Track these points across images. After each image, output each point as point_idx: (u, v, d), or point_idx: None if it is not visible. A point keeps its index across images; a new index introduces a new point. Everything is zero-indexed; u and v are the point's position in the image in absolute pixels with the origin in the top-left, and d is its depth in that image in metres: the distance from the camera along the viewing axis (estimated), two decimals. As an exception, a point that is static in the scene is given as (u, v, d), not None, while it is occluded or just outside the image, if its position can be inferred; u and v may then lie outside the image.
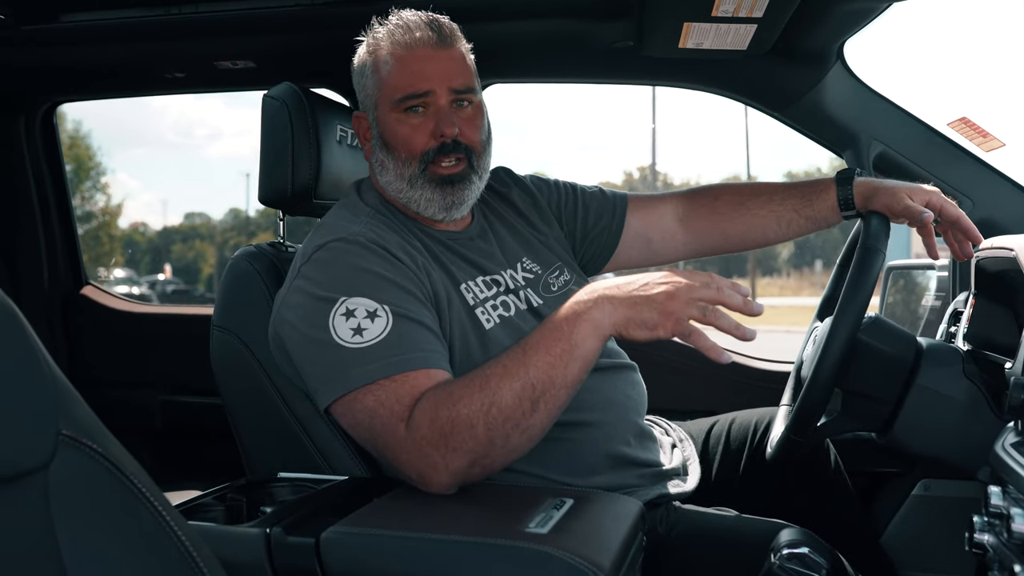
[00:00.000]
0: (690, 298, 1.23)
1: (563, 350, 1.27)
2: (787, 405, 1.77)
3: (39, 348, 0.76)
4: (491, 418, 1.25)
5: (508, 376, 1.26)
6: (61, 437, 0.76)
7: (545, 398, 1.27)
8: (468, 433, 1.25)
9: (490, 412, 1.25)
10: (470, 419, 1.25)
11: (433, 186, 1.54)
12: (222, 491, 1.39)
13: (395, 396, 1.31)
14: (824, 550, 1.20)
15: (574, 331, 1.27)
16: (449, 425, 1.26)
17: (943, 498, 1.94)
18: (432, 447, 1.27)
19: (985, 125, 1.97)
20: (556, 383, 1.27)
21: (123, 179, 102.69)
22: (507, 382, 1.26)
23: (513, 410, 1.26)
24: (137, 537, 0.79)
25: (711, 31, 1.86)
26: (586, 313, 1.27)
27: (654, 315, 1.24)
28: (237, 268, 1.66)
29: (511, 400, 1.25)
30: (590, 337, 1.27)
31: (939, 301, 2.14)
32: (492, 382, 1.27)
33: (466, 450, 1.26)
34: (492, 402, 1.25)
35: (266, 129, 1.74)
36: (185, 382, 2.75)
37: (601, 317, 1.27)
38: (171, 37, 2.15)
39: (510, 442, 1.27)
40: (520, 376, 1.26)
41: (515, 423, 1.26)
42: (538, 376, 1.26)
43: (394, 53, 1.53)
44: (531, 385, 1.26)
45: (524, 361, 1.27)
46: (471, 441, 1.25)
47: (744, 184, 1.93)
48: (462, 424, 1.25)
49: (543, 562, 1.07)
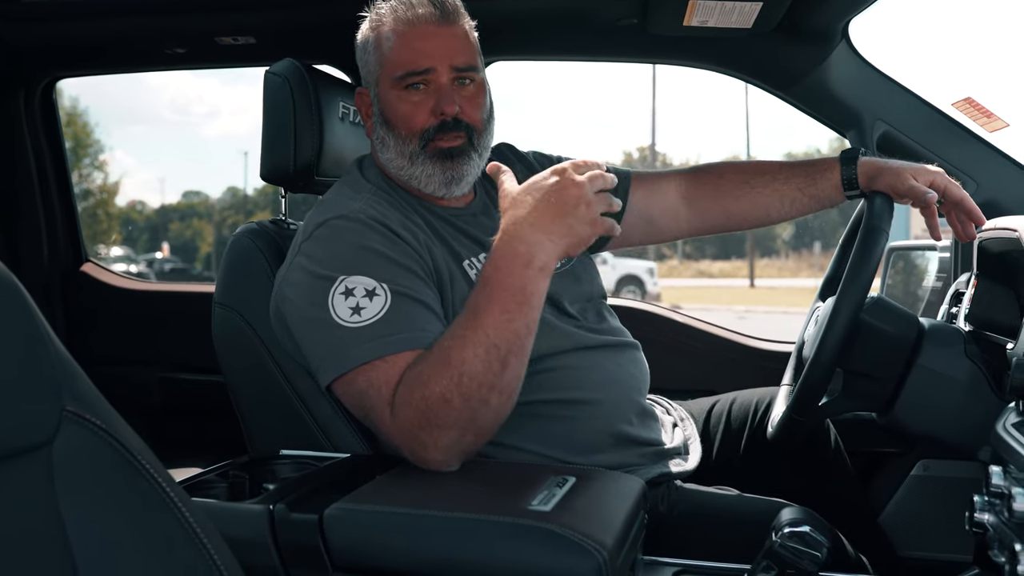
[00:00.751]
0: (595, 195, 1.25)
1: (518, 303, 1.25)
2: (788, 385, 1.77)
3: (43, 324, 0.76)
4: (464, 388, 1.24)
5: (468, 344, 1.24)
6: (65, 413, 0.76)
7: (512, 353, 1.25)
8: (445, 408, 1.24)
9: (461, 383, 1.24)
10: (443, 395, 1.24)
11: (433, 161, 1.53)
12: (224, 468, 1.39)
13: (385, 377, 1.31)
14: (825, 529, 1.20)
15: (524, 281, 1.25)
16: (424, 405, 1.25)
17: (942, 478, 1.95)
18: (417, 428, 1.27)
19: (989, 105, 1.96)
20: (519, 335, 1.25)
21: (120, 157, 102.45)
22: (469, 350, 1.24)
23: (483, 375, 1.24)
24: (141, 513, 0.79)
25: (716, 8, 1.85)
26: (529, 257, 1.24)
27: (586, 228, 1.25)
28: (239, 245, 1.65)
29: (479, 367, 1.24)
30: (541, 279, 1.26)
31: (940, 282, 2.14)
32: (454, 355, 1.24)
33: (450, 424, 1.25)
34: (460, 373, 1.24)
35: (268, 106, 1.73)
36: (185, 359, 2.75)
37: (547, 257, 1.25)
38: (172, 12, 2.14)
39: (491, 404, 1.26)
40: (481, 341, 1.24)
41: (489, 386, 1.25)
42: (499, 335, 1.24)
43: (396, 30, 1.52)
44: (494, 346, 1.24)
45: (480, 324, 1.24)
46: (452, 414, 1.25)
47: (747, 163, 1.92)
48: (436, 402, 1.24)
49: (546, 539, 1.08)
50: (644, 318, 2.49)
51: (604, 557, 1.06)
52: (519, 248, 1.25)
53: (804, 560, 1.18)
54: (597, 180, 1.26)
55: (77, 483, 0.75)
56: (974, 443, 1.43)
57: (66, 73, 2.84)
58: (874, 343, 1.50)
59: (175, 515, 0.81)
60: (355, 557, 1.14)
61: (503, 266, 1.25)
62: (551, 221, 1.24)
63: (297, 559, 1.15)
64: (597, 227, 1.25)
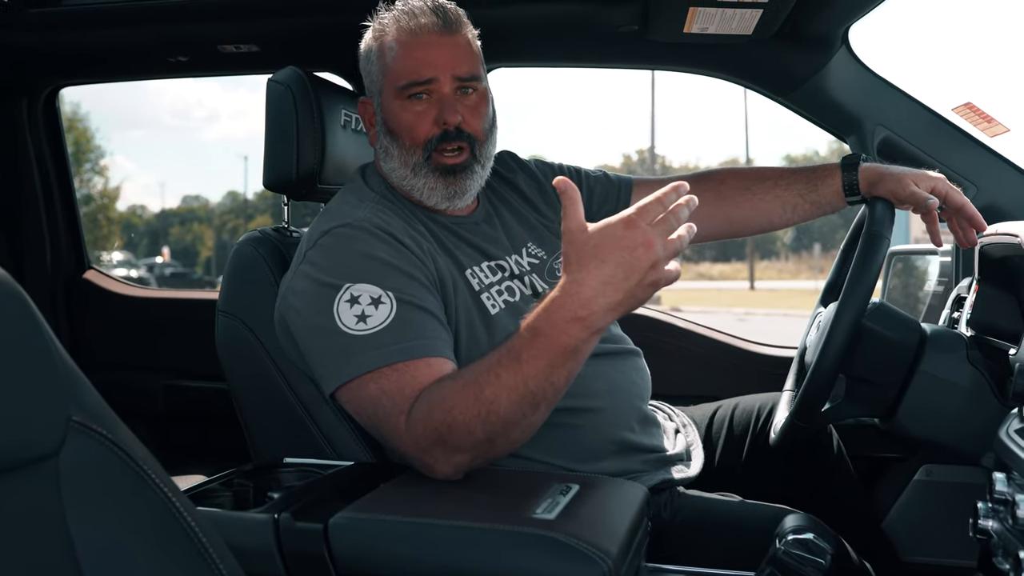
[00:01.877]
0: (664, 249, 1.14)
1: (565, 359, 1.19)
2: (790, 391, 1.77)
3: (48, 334, 0.76)
4: (489, 424, 1.22)
5: (504, 387, 1.20)
6: (71, 423, 0.76)
7: (546, 401, 1.23)
8: (465, 436, 1.23)
9: (487, 420, 1.21)
10: (467, 425, 1.22)
11: (436, 176, 1.54)
12: (229, 476, 1.39)
13: (397, 386, 1.31)
14: (828, 535, 1.21)
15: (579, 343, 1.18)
16: (445, 428, 1.24)
17: (945, 483, 1.95)
18: (431, 444, 1.26)
19: (990, 110, 1.96)
20: (557, 387, 1.22)
21: (120, 161, 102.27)
22: (504, 393, 1.20)
23: (512, 415, 1.22)
24: (147, 523, 0.80)
25: (716, 15, 1.85)
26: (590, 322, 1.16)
27: (650, 291, 1.16)
28: (242, 253, 1.65)
29: (510, 409, 1.21)
30: (593, 340, 1.20)
31: (942, 287, 2.14)
32: (487, 392, 1.21)
33: (466, 448, 1.25)
34: (489, 411, 1.21)
35: (270, 114, 1.74)
36: (189, 367, 2.75)
37: (605, 323, 1.18)
38: (175, 21, 2.14)
39: (511, 438, 1.26)
40: (518, 387, 1.20)
41: (515, 424, 1.23)
42: (538, 386, 1.20)
43: (399, 39, 1.53)
44: (531, 393, 1.20)
45: (521, 371, 1.20)
46: (469, 440, 1.24)
47: (749, 169, 1.92)
48: (459, 428, 1.23)
49: (551, 547, 1.08)
50: (646, 324, 2.49)
51: (609, 565, 1.06)
52: (580, 312, 1.16)
53: (808, 567, 1.18)
54: (667, 227, 1.14)
55: (83, 493, 0.76)
56: (977, 449, 1.43)
57: (69, 81, 2.85)
58: (876, 349, 1.50)
59: (181, 525, 0.81)
60: (360, 566, 1.14)
61: (559, 323, 1.17)
62: (616, 290, 1.14)
63: (302, 568, 1.15)
64: (660, 286, 1.16)
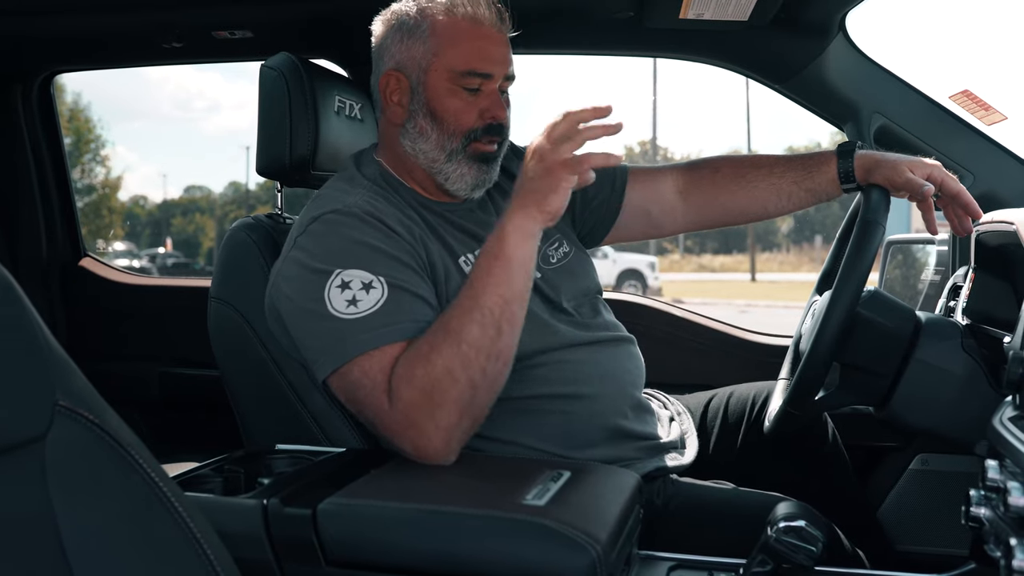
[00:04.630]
0: (554, 143, 1.30)
1: (502, 267, 1.33)
2: (785, 379, 1.77)
3: (35, 318, 0.76)
4: (465, 357, 1.29)
5: (465, 312, 1.31)
6: (57, 408, 0.76)
7: (505, 317, 1.32)
8: (448, 381, 1.28)
9: (460, 351, 1.29)
10: (447, 367, 1.28)
11: (471, 162, 1.54)
12: (219, 463, 1.39)
13: (379, 366, 1.32)
14: (821, 523, 1.20)
15: (504, 246, 1.33)
16: (428, 380, 1.28)
17: (940, 472, 1.95)
18: (417, 411, 1.28)
19: (987, 98, 1.96)
20: (508, 300, 1.33)
21: (122, 152, 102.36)
22: (466, 317, 1.31)
23: (481, 340, 1.30)
24: (133, 507, 0.80)
25: (712, 1, 1.85)
26: (508, 225, 1.34)
27: (547, 180, 1.31)
28: (234, 239, 1.65)
29: (476, 332, 1.30)
30: (520, 244, 1.34)
31: (938, 275, 2.13)
32: (453, 323, 1.31)
33: (451, 400, 1.27)
34: (460, 340, 1.29)
35: (264, 99, 1.73)
36: (184, 354, 2.74)
37: (521, 220, 1.34)
38: (169, 7, 2.13)
39: (488, 375, 1.31)
40: (475, 307, 1.31)
41: (487, 353, 1.30)
42: (490, 301, 1.31)
43: (459, 24, 1.51)
44: (488, 311, 1.31)
45: (472, 294, 1.33)
46: (453, 389, 1.28)
47: (744, 157, 1.91)
48: (440, 374, 1.28)
49: (540, 534, 1.08)
50: (641, 312, 2.49)
51: (598, 552, 1.06)
52: (503, 223, 1.36)
53: (800, 555, 1.18)
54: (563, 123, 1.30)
55: (70, 478, 0.76)
56: (971, 437, 1.43)
57: (64, 67, 2.84)
58: (871, 337, 1.49)
59: (167, 509, 0.81)
60: (349, 551, 1.14)
61: (491, 236, 1.37)
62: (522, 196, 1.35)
63: (291, 553, 1.15)
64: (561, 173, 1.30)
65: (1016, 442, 1.12)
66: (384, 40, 1.57)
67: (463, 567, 1.11)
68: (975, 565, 1.35)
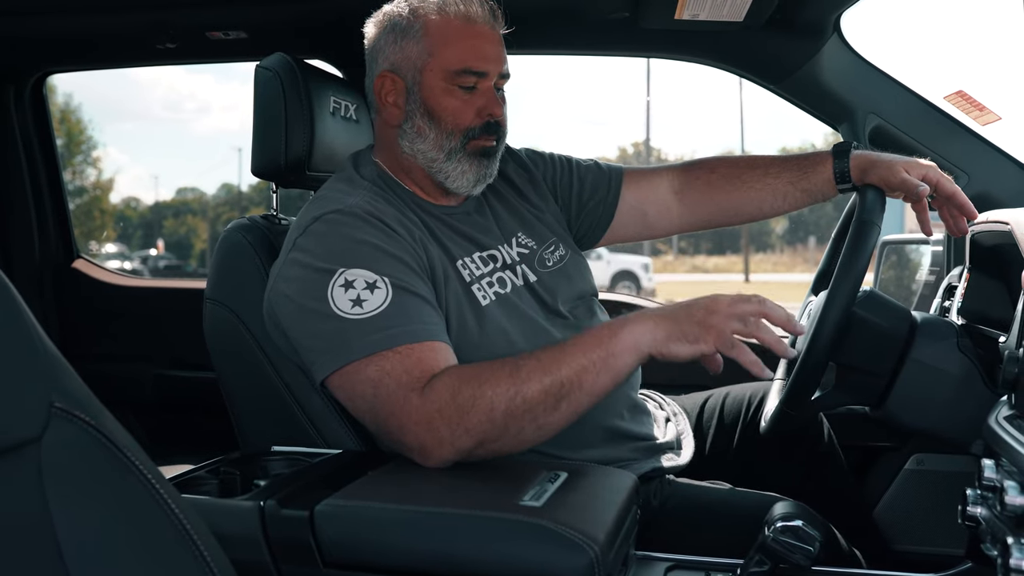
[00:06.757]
0: (731, 312, 1.26)
1: (599, 357, 1.28)
2: (781, 379, 1.77)
3: (30, 320, 0.76)
4: (513, 406, 1.26)
5: (540, 370, 1.27)
6: (53, 409, 0.75)
7: (569, 399, 1.27)
8: (486, 415, 1.25)
9: (514, 400, 1.26)
10: (492, 402, 1.25)
11: (471, 159, 1.54)
12: (216, 464, 1.39)
13: (402, 367, 1.30)
14: (818, 523, 1.20)
15: (614, 341, 1.29)
16: (470, 403, 1.26)
17: (936, 472, 1.95)
18: (444, 421, 1.26)
19: (981, 98, 1.96)
20: (584, 388, 1.28)
21: (113, 154, 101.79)
22: (538, 375, 1.27)
23: (536, 403, 1.26)
24: (130, 509, 0.79)
25: (707, 1, 1.85)
26: (628, 326, 1.30)
27: (695, 328, 1.27)
28: (230, 240, 1.64)
29: (537, 393, 1.26)
30: (627, 352, 1.29)
31: (933, 276, 2.14)
32: (523, 371, 1.27)
33: (478, 432, 1.26)
34: (518, 391, 1.26)
35: (258, 100, 1.73)
36: (179, 356, 2.74)
37: (642, 332, 1.29)
38: (163, 7, 2.13)
39: (522, 434, 1.28)
40: (552, 372, 1.27)
41: (533, 417, 1.27)
42: (569, 376, 1.27)
43: (452, 23, 1.51)
44: (560, 383, 1.27)
45: (559, 359, 1.28)
46: (487, 424, 1.25)
47: (739, 157, 1.91)
48: (483, 405, 1.25)
49: (538, 535, 1.08)
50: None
51: (596, 552, 1.06)
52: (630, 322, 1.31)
53: (796, 554, 1.18)
54: (748, 304, 1.28)
55: (66, 480, 0.75)
56: (967, 436, 1.43)
57: (56, 68, 2.83)
58: (867, 337, 1.49)
59: (164, 511, 0.81)
60: (346, 553, 1.14)
61: (607, 323, 1.33)
62: (668, 311, 1.31)
63: (288, 555, 1.15)
64: (711, 334, 1.26)
65: (1012, 441, 1.12)
66: (377, 42, 1.57)
67: (460, 568, 1.11)
68: (971, 564, 1.36)
